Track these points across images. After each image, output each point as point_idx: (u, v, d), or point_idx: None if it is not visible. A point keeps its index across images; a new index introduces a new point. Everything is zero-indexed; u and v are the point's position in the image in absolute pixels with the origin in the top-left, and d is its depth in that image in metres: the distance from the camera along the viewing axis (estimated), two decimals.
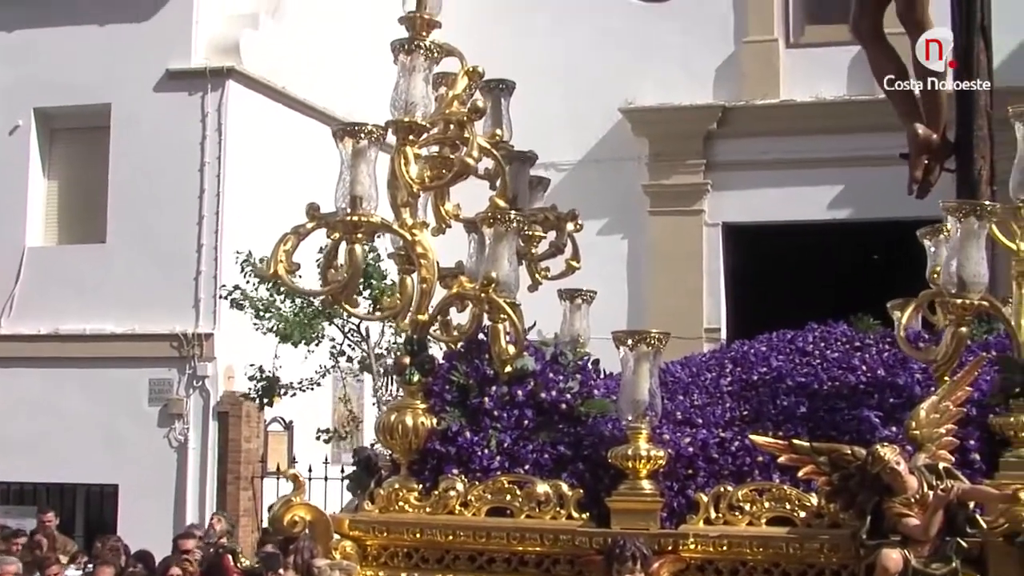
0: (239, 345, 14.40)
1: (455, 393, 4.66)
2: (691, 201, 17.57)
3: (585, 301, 5.58)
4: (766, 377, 5.07)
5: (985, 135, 6.47)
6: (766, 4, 17.79)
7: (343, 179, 4.40)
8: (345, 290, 4.50)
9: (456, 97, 4.72)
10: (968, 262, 4.39)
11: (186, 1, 15.78)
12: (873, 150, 13.75)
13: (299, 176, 14.42)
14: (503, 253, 4.53)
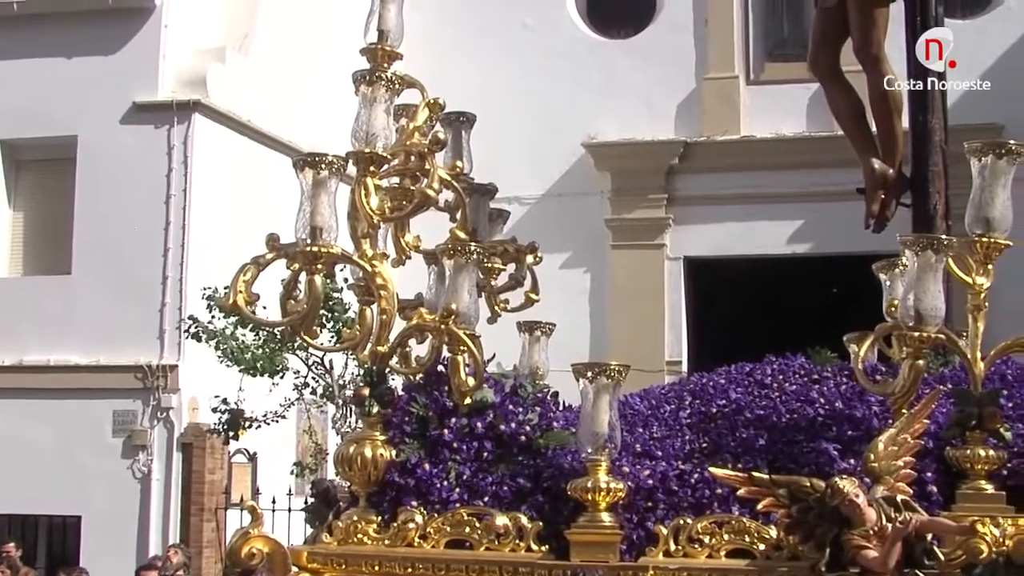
0: (204, 377, 14.36)
1: (414, 425, 4.66)
2: (653, 235, 17.68)
3: (544, 333, 5.60)
4: (725, 410, 5.10)
5: (940, 171, 6.53)
6: (727, 42, 17.97)
7: (303, 210, 4.40)
8: (304, 321, 4.49)
9: (417, 129, 4.74)
10: (925, 295, 4.43)
11: (153, 34, 15.80)
12: (832, 185, 13.93)
13: (265, 209, 14.38)
14: (463, 285, 4.54)
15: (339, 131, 4.81)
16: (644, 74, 17.92)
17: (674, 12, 18.43)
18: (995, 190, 4.68)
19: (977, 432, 4.45)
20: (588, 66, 18.19)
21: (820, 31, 7.08)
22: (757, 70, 18.18)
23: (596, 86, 17.99)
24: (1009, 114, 16.62)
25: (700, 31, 18.29)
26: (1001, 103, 16.59)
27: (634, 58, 18.22)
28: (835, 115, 7.13)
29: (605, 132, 17.92)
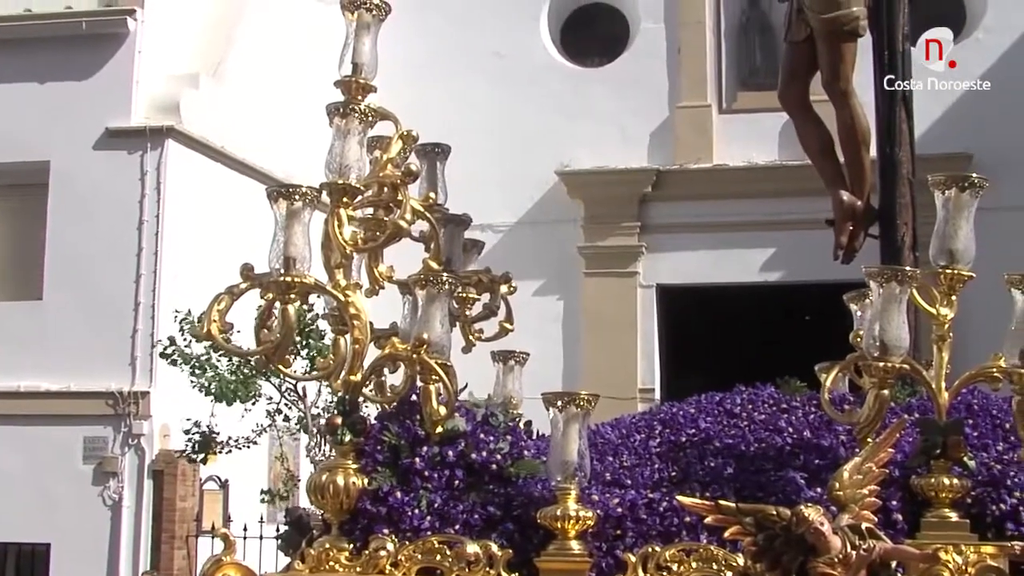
0: (175, 404, 14.31)
1: (386, 453, 4.70)
2: (625, 263, 17.74)
3: (518, 363, 5.67)
4: (694, 439, 5.16)
5: (907, 202, 6.63)
6: (699, 71, 18.08)
7: (277, 240, 4.45)
8: (278, 350, 4.54)
9: (390, 160, 4.80)
10: (889, 326, 4.51)
11: (126, 60, 15.80)
12: (804, 214, 13.96)
13: (237, 235, 14.42)
14: (435, 315, 4.60)
15: (313, 158, 4.86)
16: (617, 102, 18.01)
17: (647, 41, 18.53)
18: (958, 222, 4.77)
19: (942, 461, 4.52)
20: (561, 94, 18.27)
21: (789, 65, 7.18)
22: (730, 99, 18.28)
23: (569, 114, 18.07)
24: (978, 143, 16.81)
25: (673, 60, 18.38)
26: (970, 132, 16.80)
27: (607, 86, 18.32)
28: (804, 147, 7.23)
29: (578, 160, 17.98)
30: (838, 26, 6.77)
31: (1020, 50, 17.35)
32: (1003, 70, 17.30)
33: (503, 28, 18.53)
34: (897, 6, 6.83)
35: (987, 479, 4.61)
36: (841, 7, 6.73)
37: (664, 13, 18.44)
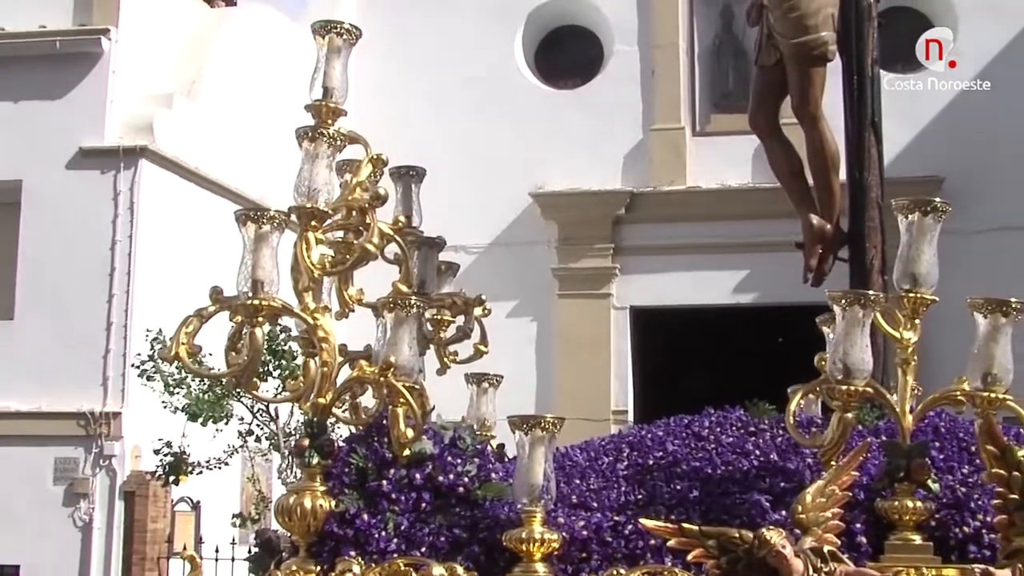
0: (147, 424, 14.28)
1: (353, 476, 4.70)
2: (599, 285, 17.80)
3: (492, 385, 5.69)
4: (662, 461, 5.17)
5: (876, 226, 6.68)
6: (673, 93, 18.19)
7: (245, 263, 4.46)
8: (245, 373, 4.55)
9: (359, 184, 4.82)
10: (853, 350, 4.54)
11: (101, 80, 15.80)
12: (777, 236, 13.98)
13: (210, 255, 14.40)
14: (403, 338, 4.61)
15: (287, 179, 4.88)
16: (591, 124, 18.09)
17: (621, 63, 18.63)
18: (922, 246, 4.81)
19: (906, 484, 4.54)
20: (535, 116, 18.34)
21: (759, 89, 7.24)
22: (703, 121, 18.39)
23: (543, 136, 18.14)
24: (949, 167, 16.93)
25: (647, 82, 18.48)
26: (941, 155, 16.92)
27: (581, 108, 18.40)
28: (774, 171, 7.28)
29: (552, 182, 18.04)
30: (807, 50, 6.83)
31: (991, 73, 17.48)
32: (972, 95, 17.44)
33: (478, 50, 18.60)
34: (866, 31, 6.89)
35: (951, 502, 4.63)
36: (810, 32, 6.79)
37: (638, 36, 18.56)
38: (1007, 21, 17.53)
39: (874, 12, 6.91)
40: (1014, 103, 17.24)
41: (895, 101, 15.45)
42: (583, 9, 18.99)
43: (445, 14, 18.80)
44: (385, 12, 18.75)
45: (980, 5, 17.59)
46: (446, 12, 18.81)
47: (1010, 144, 17.12)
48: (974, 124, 17.24)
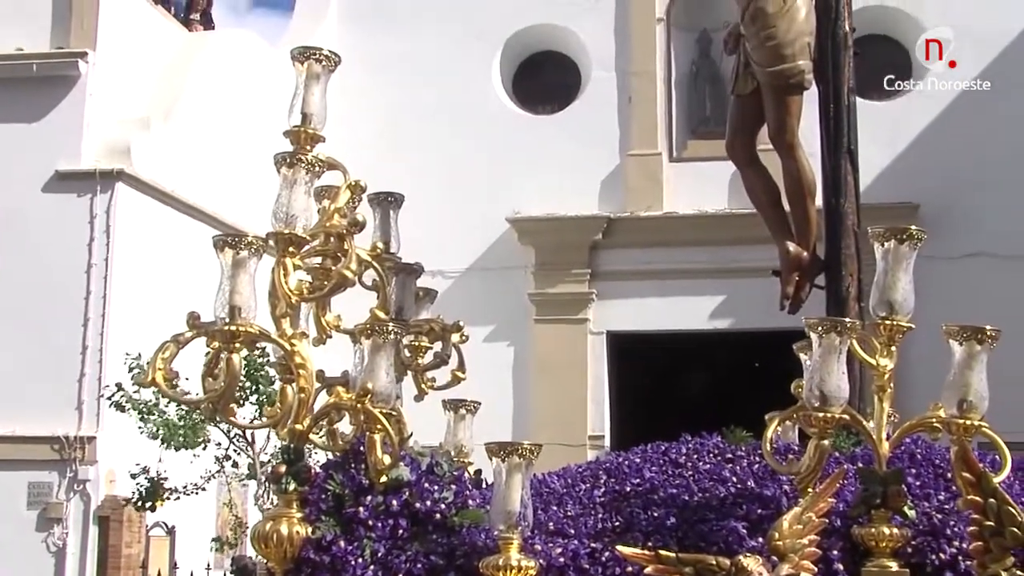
0: (122, 449, 14.19)
1: (330, 502, 4.70)
2: (576, 310, 17.81)
3: (469, 412, 5.69)
4: (639, 488, 5.17)
5: (853, 253, 6.72)
6: (650, 119, 18.25)
7: (222, 289, 4.46)
8: (222, 399, 4.54)
9: (337, 210, 4.82)
10: (829, 377, 4.56)
11: (78, 103, 15.76)
12: (753, 262, 14.06)
13: (187, 279, 14.36)
14: (380, 364, 4.60)
15: (263, 203, 4.88)
16: (568, 150, 18.13)
17: (598, 89, 18.69)
18: (897, 274, 4.84)
19: (882, 510, 4.56)
20: (513, 141, 18.38)
21: (736, 118, 7.29)
22: (680, 147, 18.44)
23: (521, 161, 18.18)
24: (924, 193, 17.02)
25: (624, 108, 18.54)
26: (916, 182, 17.02)
27: (559, 134, 18.44)
28: (751, 199, 7.32)
29: (529, 207, 18.06)
30: (784, 79, 6.88)
31: (964, 102, 17.60)
32: (947, 122, 17.57)
33: (456, 75, 18.63)
34: (842, 59, 6.95)
35: (927, 528, 4.65)
36: (787, 61, 6.84)
37: (615, 62, 18.64)
38: (981, 48, 17.65)
39: (850, 41, 6.97)
40: (988, 130, 17.36)
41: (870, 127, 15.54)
42: (561, 35, 19.06)
43: (423, 39, 18.84)
44: (363, 37, 18.78)
45: (956, 34, 17.70)
46: (424, 37, 18.85)
47: (985, 171, 17.23)
48: (949, 151, 17.37)
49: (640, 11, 18.66)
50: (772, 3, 6.82)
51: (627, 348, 18.00)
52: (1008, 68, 17.52)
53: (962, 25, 17.53)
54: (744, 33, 7.02)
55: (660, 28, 18.61)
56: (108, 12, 16.07)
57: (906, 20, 18.15)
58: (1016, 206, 17.02)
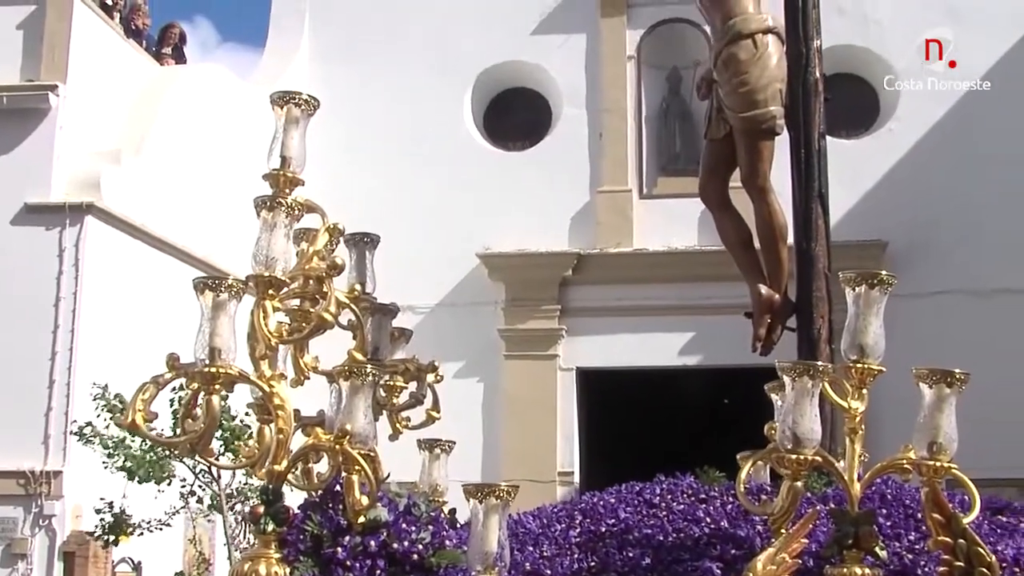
0: (88, 484, 14.10)
1: (309, 543, 4.72)
2: (546, 346, 17.82)
3: (444, 451, 5.72)
4: (614, 528, 5.22)
5: (824, 296, 6.80)
6: (620, 156, 18.34)
7: (202, 330, 4.48)
8: (202, 440, 4.55)
9: (316, 253, 4.86)
10: (802, 419, 4.61)
11: (47, 135, 15.70)
12: (723, 299, 14.18)
13: (156, 314, 14.34)
14: (358, 405, 4.63)
15: (234, 237, 4.91)
16: (538, 186, 18.20)
17: (569, 125, 18.78)
18: (868, 318, 4.90)
19: (854, 551, 4.61)
20: (483, 177, 18.43)
21: (709, 161, 7.38)
22: (650, 184, 18.52)
23: (491, 197, 18.23)
24: (891, 231, 17.17)
25: (595, 145, 18.62)
26: (883, 220, 17.17)
27: (529, 170, 18.51)
28: (724, 242, 7.41)
29: (499, 243, 18.10)
30: (756, 124, 6.97)
31: (930, 141, 17.80)
32: (915, 160, 17.75)
33: (426, 110, 18.70)
34: (813, 105, 7.05)
35: (899, 568, 4.71)
36: (759, 106, 6.94)
37: (586, 99, 18.74)
38: (947, 87, 17.86)
39: (820, 87, 7.08)
40: (955, 167, 17.55)
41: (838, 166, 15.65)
42: (532, 72, 19.17)
43: (394, 76, 18.91)
44: (334, 72, 18.85)
45: (924, 72, 17.92)
46: (395, 74, 18.92)
47: (952, 208, 17.40)
48: (916, 188, 17.54)
49: (611, 48, 18.78)
50: (744, 49, 6.92)
51: (597, 384, 18.03)
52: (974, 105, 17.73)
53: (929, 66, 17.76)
54: (717, 79, 7.12)
55: (631, 65, 18.73)
56: (79, 45, 16.05)
57: (873, 60, 18.36)
58: (983, 243, 17.20)
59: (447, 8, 19.10)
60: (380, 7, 19.33)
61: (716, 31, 7.17)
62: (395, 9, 19.26)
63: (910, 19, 17.99)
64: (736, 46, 6.93)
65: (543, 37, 18.95)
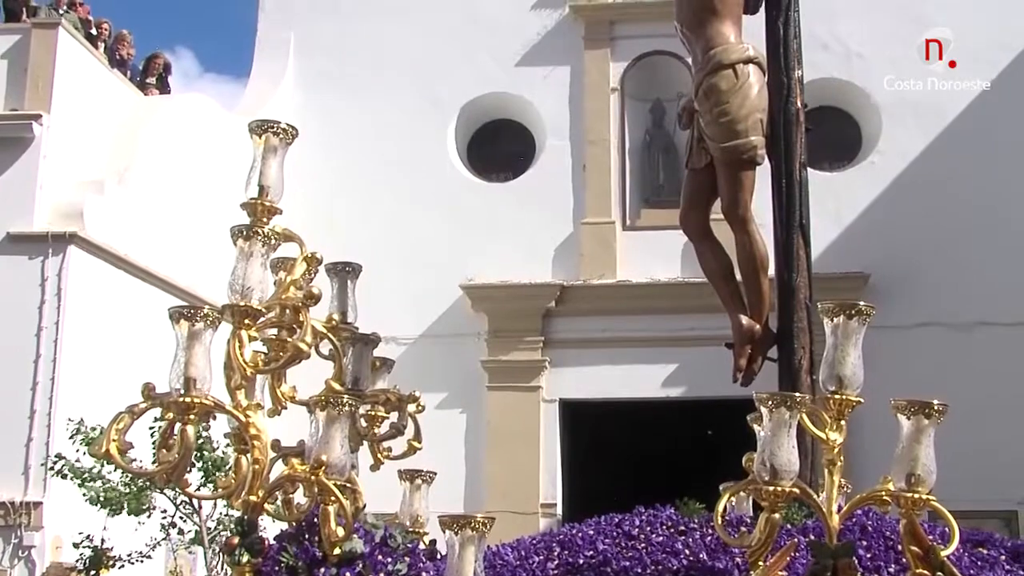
0: (68, 515, 14.03)
1: (284, 574, 4.68)
2: (529, 377, 17.80)
3: (425, 482, 5.69)
4: (592, 560, 5.19)
5: (805, 327, 6.79)
6: (604, 187, 18.38)
7: (178, 360, 4.45)
8: (176, 470, 4.52)
9: (293, 282, 4.83)
10: (780, 451, 4.60)
11: (31, 165, 15.68)
12: (706, 330, 14.17)
13: (138, 344, 14.27)
14: (335, 436, 4.60)
15: (217, 268, 4.88)
16: (523, 217, 18.23)
17: (553, 157, 18.83)
18: (847, 349, 4.90)
19: None
20: (467, 208, 18.46)
21: (690, 191, 7.37)
22: (633, 216, 18.56)
23: (475, 228, 18.25)
24: (874, 263, 17.22)
25: (578, 176, 18.66)
26: (866, 252, 17.22)
27: (513, 201, 18.54)
28: (705, 272, 7.39)
29: (483, 274, 18.10)
30: (737, 154, 6.97)
31: (913, 173, 17.88)
32: (897, 192, 17.82)
33: (411, 142, 18.73)
34: (794, 135, 7.05)
35: None
36: (740, 136, 6.93)
37: (569, 131, 18.80)
38: (929, 120, 17.96)
39: (802, 117, 7.08)
40: (938, 200, 17.62)
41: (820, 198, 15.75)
42: (515, 103, 19.22)
43: (379, 106, 18.94)
44: (319, 103, 18.88)
45: (903, 104, 18.02)
46: (380, 105, 18.95)
47: (934, 240, 17.47)
48: (898, 221, 17.60)
49: (594, 81, 18.85)
50: (725, 80, 6.93)
51: (579, 416, 18.01)
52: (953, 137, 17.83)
53: (911, 101, 17.87)
54: (698, 108, 7.12)
55: (614, 98, 18.80)
56: (64, 75, 16.05)
57: (855, 92, 18.45)
58: (966, 275, 17.26)
59: (432, 39, 19.16)
60: (365, 38, 19.38)
61: (697, 61, 7.18)
62: (380, 40, 19.30)
63: (892, 54, 18.08)
64: (717, 76, 6.94)
65: (527, 69, 19.01)
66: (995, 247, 17.30)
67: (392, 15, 19.34)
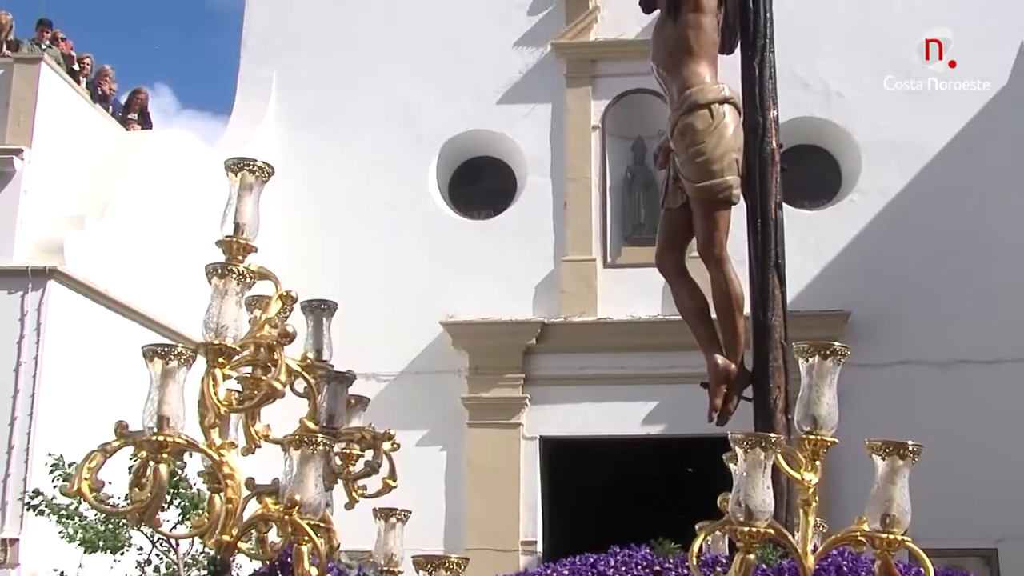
0: (45, 552, 13.94)
1: None
2: (509, 414, 17.78)
3: (400, 520, 5.66)
4: None
5: (780, 366, 6.81)
6: (585, 225, 18.43)
7: (151, 398, 4.44)
8: (148, 509, 4.50)
9: (268, 321, 4.82)
10: (754, 492, 4.60)
11: (12, 199, 15.66)
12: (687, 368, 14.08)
13: (118, 379, 14.20)
14: (309, 475, 4.59)
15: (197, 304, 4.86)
16: (503, 254, 18.26)
17: (534, 195, 18.87)
18: (822, 389, 4.91)
19: None
20: (448, 245, 18.48)
21: (666, 231, 7.40)
22: (614, 253, 18.60)
23: (455, 265, 18.26)
24: (853, 301, 17.27)
25: (559, 214, 18.70)
26: (845, 290, 17.28)
27: (494, 238, 18.57)
28: (680, 312, 7.42)
29: (463, 311, 18.10)
30: (712, 194, 7.01)
31: (893, 212, 17.96)
32: (876, 231, 17.90)
33: (392, 179, 18.77)
34: (770, 175, 7.09)
35: None
36: (715, 176, 6.98)
37: (551, 168, 18.85)
38: (908, 159, 18.06)
39: (777, 157, 7.13)
40: (917, 238, 17.70)
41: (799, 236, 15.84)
42: (497, 141, 19.27)
43: (360, 143, 18.98)
44: (300, 140, 18.92)
45: (882, 144, 18.12)
46: (361, 142, 18.99)
47: (914, 278, 17.53)
48: (878, 259, 17.67)
49: (576, 118, 18.92)
50: (701, 119, 6.97)
51: (560, 453, 17.98)
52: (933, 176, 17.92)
53: (887, 139, 17.98)
54: (673, 148, 7.16)
55: (595, 135, 18.87)
56: (45, 110, 16.06)
57: (835, 130, 18.55)
58: (945, 313, 17.31)
59: (413, 77, 19.22)
60: (347, 75, 19.43)
61: (673, 101, 7.22)
62: (362, 77, 19.36)
63: (872, 93, 18.20)
64: (692, 116, 6.98)
65: (509, 106, 19.08)
66: (974, 285, 17.37)
67: (374, 53, 19.40)
